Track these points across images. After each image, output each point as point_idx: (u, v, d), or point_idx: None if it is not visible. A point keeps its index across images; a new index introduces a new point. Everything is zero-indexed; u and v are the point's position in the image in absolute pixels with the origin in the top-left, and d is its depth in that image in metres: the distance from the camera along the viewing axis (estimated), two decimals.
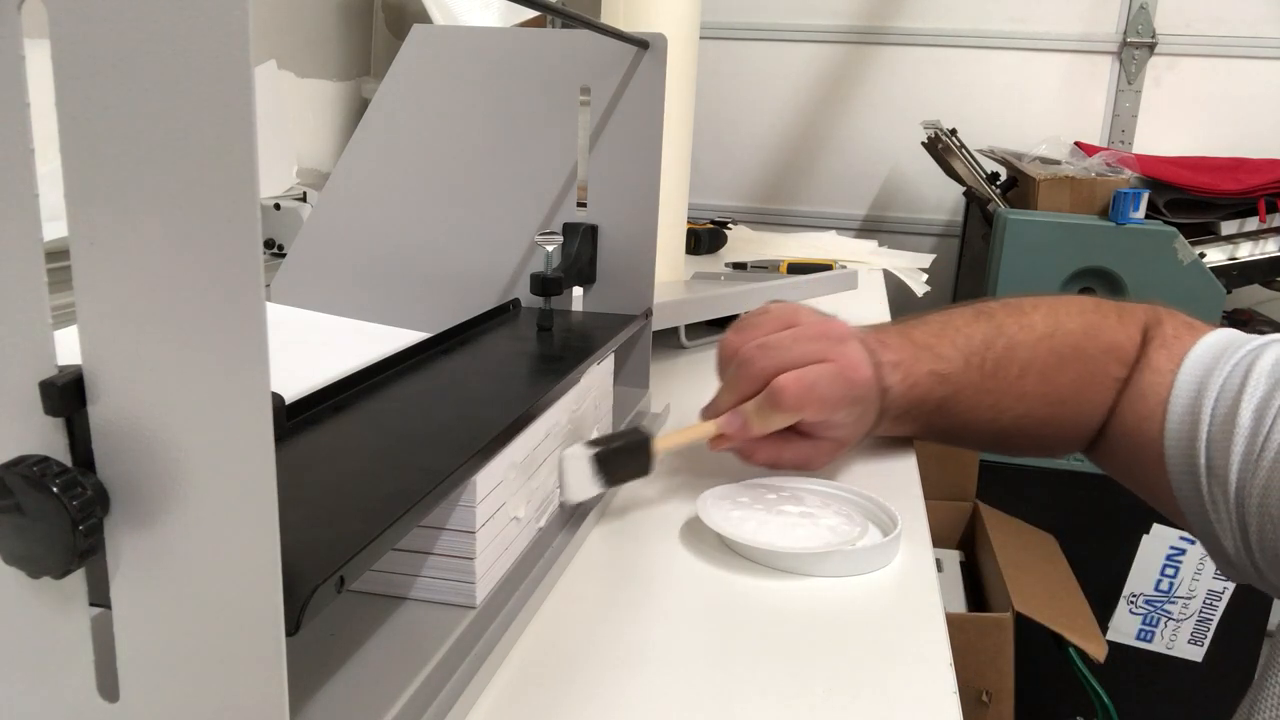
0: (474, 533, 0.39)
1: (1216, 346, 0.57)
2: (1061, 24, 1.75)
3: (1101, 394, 0.61)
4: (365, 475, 0.37)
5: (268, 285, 0.77)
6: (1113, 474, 0.64)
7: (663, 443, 0.53)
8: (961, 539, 1.47)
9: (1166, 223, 1.39)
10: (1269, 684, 0.49)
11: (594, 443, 0.50)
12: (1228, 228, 1.44)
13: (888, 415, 0.61)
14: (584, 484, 0.50)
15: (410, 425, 0.43)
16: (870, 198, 1.90)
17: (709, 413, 0.57)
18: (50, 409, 0.25)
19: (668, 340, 0.89)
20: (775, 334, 0.56)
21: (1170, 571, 1.42)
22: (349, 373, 0.46)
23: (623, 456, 0.51)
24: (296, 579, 0.26)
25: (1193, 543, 1.41)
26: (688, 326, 0.89)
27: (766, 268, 1.16)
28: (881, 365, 0.59)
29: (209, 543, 0.25)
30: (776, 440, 0.56)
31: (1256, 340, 0.56)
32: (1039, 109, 1.78)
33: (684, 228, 1.09)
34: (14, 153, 0.24)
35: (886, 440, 0.67)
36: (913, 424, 0.63)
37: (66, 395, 0.25)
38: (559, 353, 0.56)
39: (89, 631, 0.27)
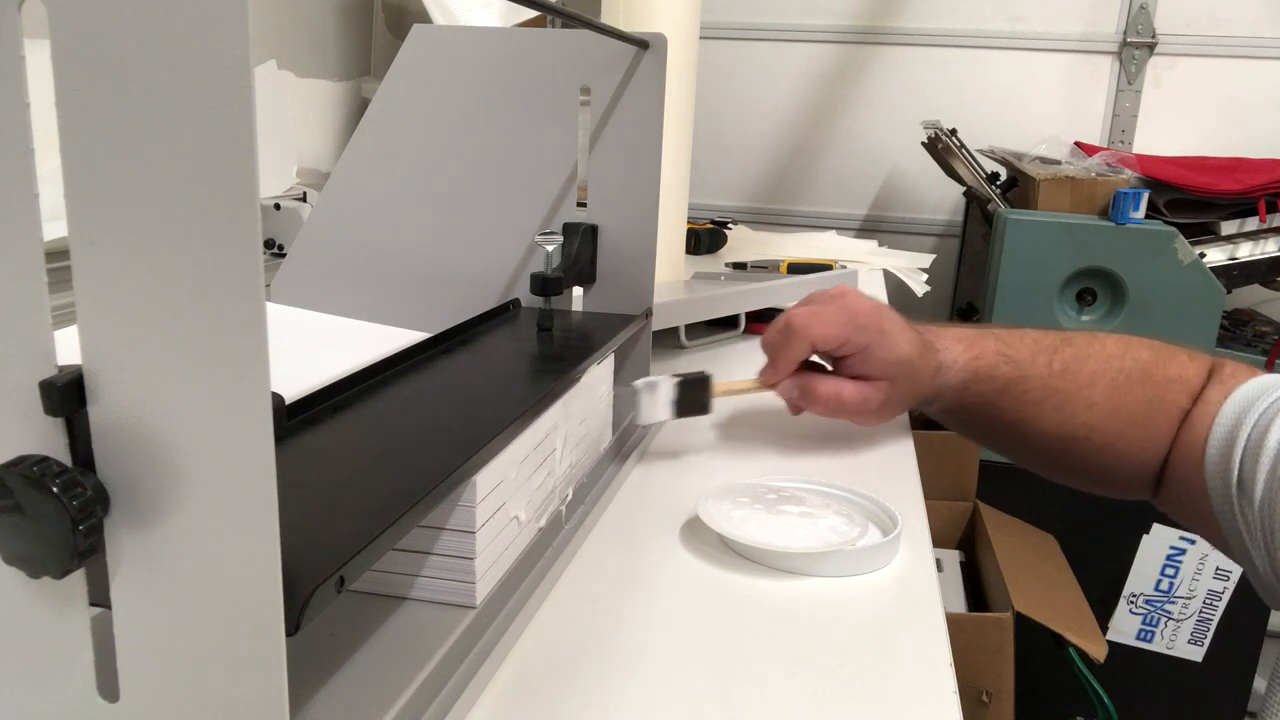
0: (474, 533, 0.39)
1: (1264, 383, 0.58)
2: (1061, 24, 1.75)
3: (1168, 423, 0.61)
4: (365, 475, 0.37)
5: (268, 285, 0.77)
6: (1176, 516, 0.64)
7: (718, 387, 0.61)
8: (961, 539, 1.47)
9: (1166, 223, 1.39)
10: (1278, 688, 0.49)
11: (667, 375, 0.60)
12: (1228, 228, 1.44)
13: (948, 381, 0.63)
14: (656, 409, 0.59)
15: (410, 425, 0.43)
16: (870, 198, 1.90)
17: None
18: (50, 409, 0.25)
19: (668, 340, 0.89)
20: None
21: (1170, 571, 1.42)
22: (349, 373, 0.46)
23: (691, 389, 0.60)
24: (296, 579, 0.26)
25: (1193, 542, 1.41)
26: (688, 326, 0.89)
27: (766, 268, 1.16)
28: (937, 336, 0.64)
29: (209, 543, 0.25)
30: (833, 380, 0.62)
31: None
32: (1039, 109, 1.78)
33: (684, 228, 1.09)
34: (14, 153, 0.24)
35: (886, 440, 0.67)
36: (978, 401, 0.64)
37: (66, 395, 0.25)
38: (559, 353, 0.56)
39: (89, 631, 0.27)
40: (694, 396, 0.60)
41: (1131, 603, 1.45)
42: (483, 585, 0.40)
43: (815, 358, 0.64)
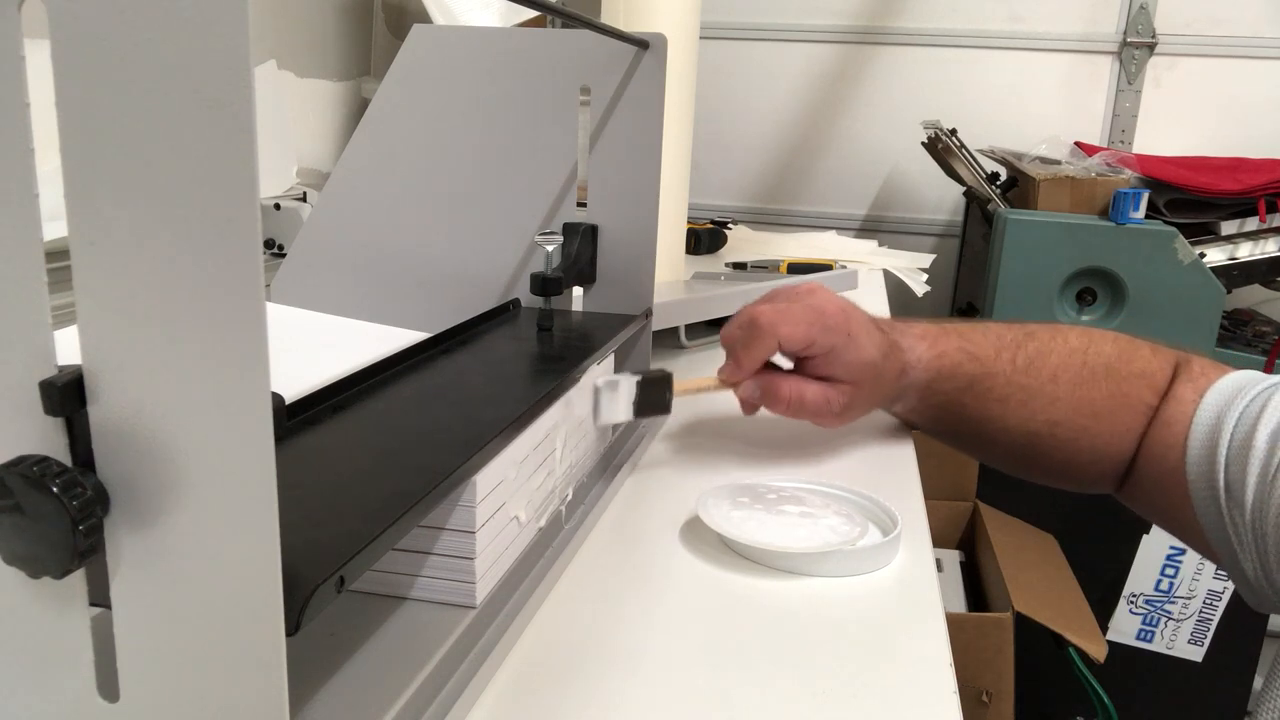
0: (474, 533, 0.39)
1: (1238, 381, 0.58)
2: (1061, 24, 1.75)
3: (1133, 418, 0.61)
4: (365, 475, 0.37)
5: (268, 285, 0.77)
6: (1143, 512, 0.64)
7: (679, 385, 0.59)
8: (961, 539, 1.47)
9: (1166, 223, 1.39)
10: (1274, 686, 0.49)
11: (627, 373, 0.57)
12: (1228, 228, 1.44)
13: (912, 380, 0.63)
14: (616, 409, 0.56)
15: (410, 425, 0.43)
16: (870, 198, 1.90)
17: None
18: (50, 409, 0.25)
19: (668, 340, 0.89)
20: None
21: (1170, 571, 1.42)
22: (349, 373, 0.46)
23: (652, 388, 0.57)
24: (296, 579, 0.26)
25: None
26: (688, 326, 0.89)
27: (766, 268, 1.16)
28: (902, 334, 0.63)
29: (209, 543, 0.25)
30: (796, 381, 0.60)
31: (1278, 378, 0.56)
32: (1039, 109, 1.78)
33: (684, 228, 1.09)
34: (14, 153, 0.24)
35: (887, 439, 0.67)
36: (943, 399, 0.63)
37: (66, 395, 0.25)
38: (559, 353, 0.56)
39: (89, 631, 0.27)
40: (654, 396, 0.57)
41: (1131, 603, 1.45)
42: (483, 585, 0.40)
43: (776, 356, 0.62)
